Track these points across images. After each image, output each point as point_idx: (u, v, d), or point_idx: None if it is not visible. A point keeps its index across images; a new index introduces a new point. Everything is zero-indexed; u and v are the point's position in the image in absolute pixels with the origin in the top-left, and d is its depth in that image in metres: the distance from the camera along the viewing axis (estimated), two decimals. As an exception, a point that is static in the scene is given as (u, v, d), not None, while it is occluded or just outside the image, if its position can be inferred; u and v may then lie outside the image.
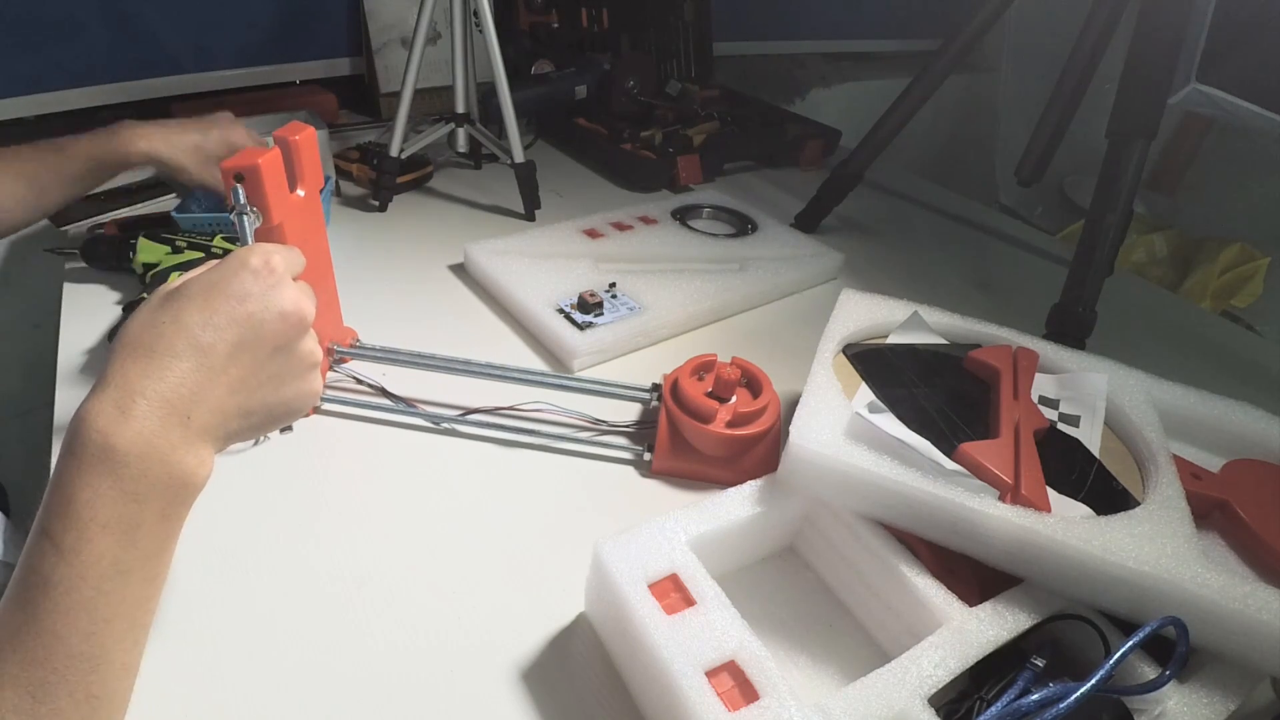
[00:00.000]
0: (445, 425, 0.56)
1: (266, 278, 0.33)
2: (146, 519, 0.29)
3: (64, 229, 0.76)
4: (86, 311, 0.64)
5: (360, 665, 0.39)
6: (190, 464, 0.30)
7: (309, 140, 0.48)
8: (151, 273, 0.63)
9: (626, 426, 0.57)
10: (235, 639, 0.40)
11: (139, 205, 0.81)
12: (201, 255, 0.65)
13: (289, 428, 0.36)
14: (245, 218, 0.42)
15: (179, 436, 0.30)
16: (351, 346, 0.59)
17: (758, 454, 0.53)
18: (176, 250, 0.65)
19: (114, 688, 0.29)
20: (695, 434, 0.52)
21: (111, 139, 0.63)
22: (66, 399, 0.54)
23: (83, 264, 0.68)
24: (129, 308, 0.58)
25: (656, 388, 0.57)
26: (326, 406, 0.56)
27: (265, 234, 0.45)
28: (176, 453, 0.29)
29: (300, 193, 0.48)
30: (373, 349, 0.59)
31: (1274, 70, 0.72)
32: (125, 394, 0.29)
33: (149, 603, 0.30)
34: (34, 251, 0.84)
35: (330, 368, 0.59)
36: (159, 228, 0.68)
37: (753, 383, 0.55)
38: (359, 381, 0.59)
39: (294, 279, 0.35)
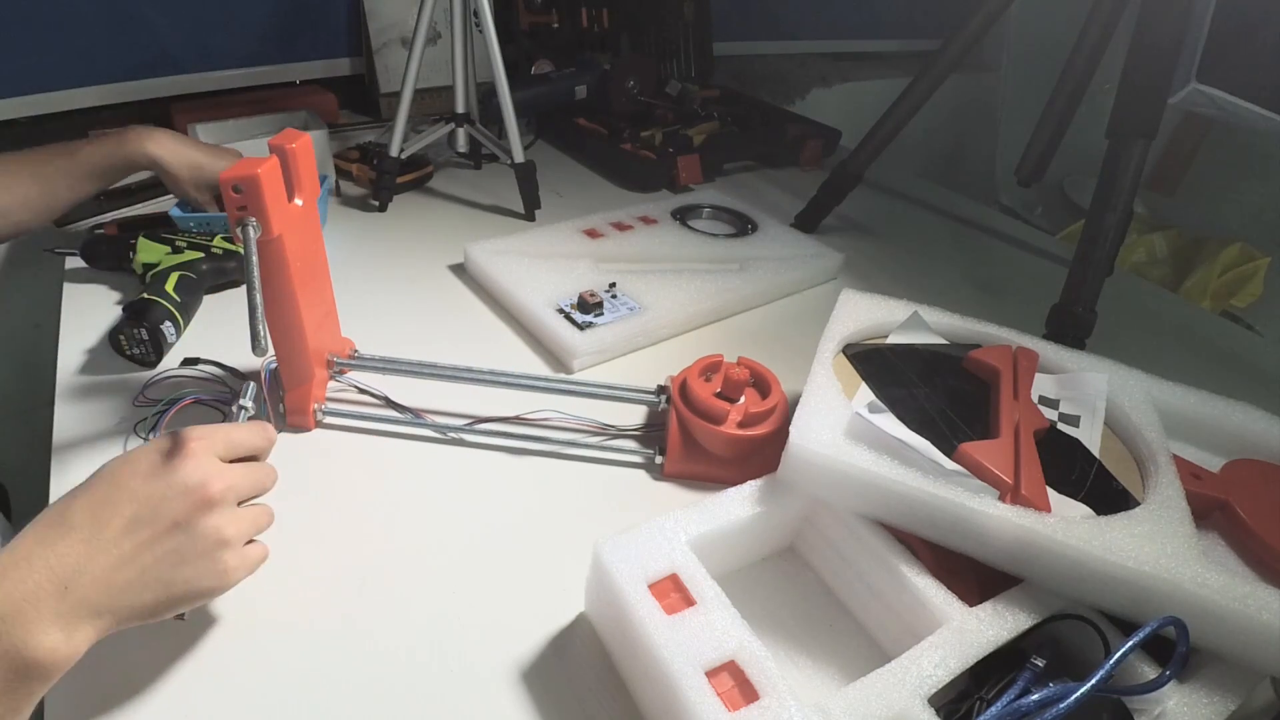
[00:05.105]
0: (452, 435, 0.55)
1: (175, 454, 0.33)
2: None
3: (64, 229, 0.76)
4: (86, 311, 0.64)
5: (361, 665, 0.40)
6: (46, 642, 0.29)
7: (305, 148, 0.47)
8: (151, 273, 0.63)
9: (635, 430, 0.57)
10: (236, 639, 0.40)
11: (139, 205, 0.81)
12: (201, 255, 0.65)
13: (182, 615, 0.35)
14: (247, 229, 0.42)
15: (49, 607, 0.29)
16: (350, 357, 0.58)
17: (769, 454, 0.52)
18: (176, 250, 0.65)
19: None
20: (707, 435, 0.52)
21: (121, 141, 0.65)
22: (66, 399, 0.54)
23: (83, 264, 0.68)
24: (128, 308, 0.58)
25: (663, 390, 0.56)
26: (329, 420, 0.55)
27: (265, 245, 0.45)
28: (37, 624, 0.28)
29: (298, 201, 0.48)
30: (371, 359, 0.58)
31: (1274, 70, 0.72)
32: (13, 557, 0.29)
33: None
34: (34, 251, 0.84)
35: (331, 377, 0.58)
36: (159, 228, 0.68)
37: (760, 383, 0.55)
38: (361, 391, 0.58)
39: (233, 458, 0.36)
